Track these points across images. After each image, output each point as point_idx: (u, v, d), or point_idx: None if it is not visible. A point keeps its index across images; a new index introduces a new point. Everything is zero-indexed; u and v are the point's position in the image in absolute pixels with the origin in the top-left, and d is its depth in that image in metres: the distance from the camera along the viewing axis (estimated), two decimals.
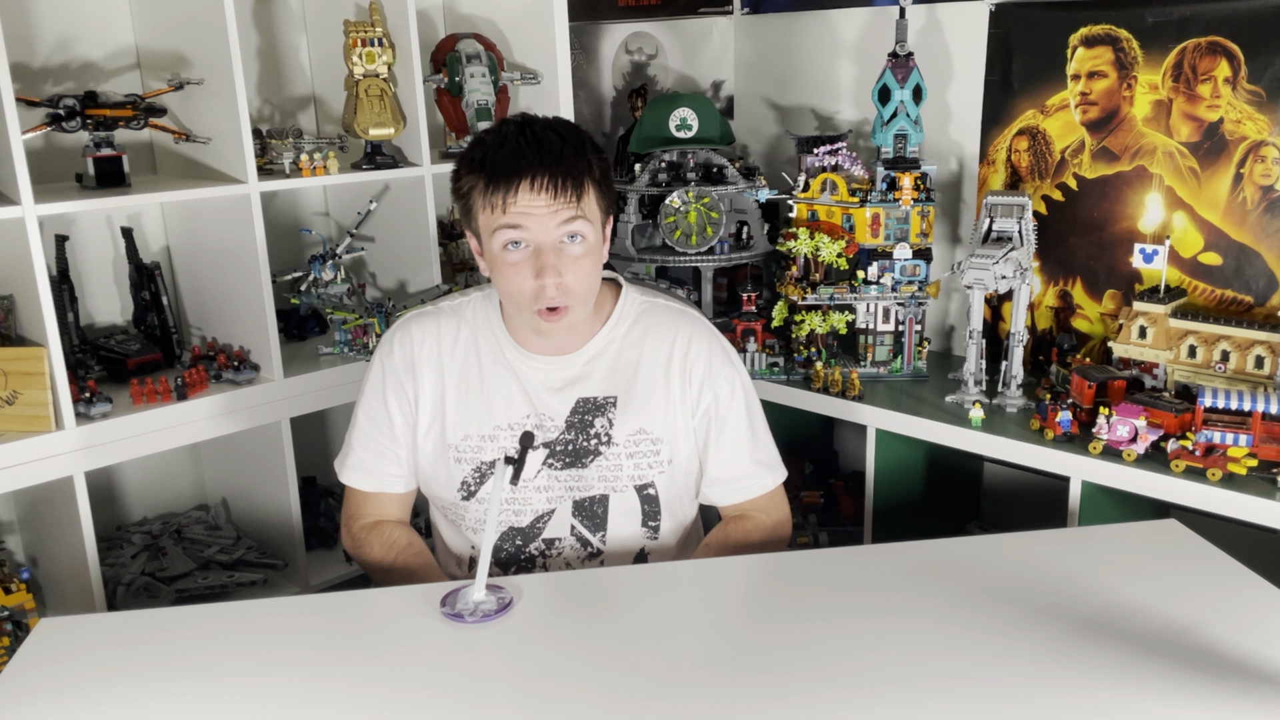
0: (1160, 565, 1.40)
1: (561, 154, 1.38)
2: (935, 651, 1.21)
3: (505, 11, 2.47)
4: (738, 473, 1.58)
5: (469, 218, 1.45)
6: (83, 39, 2.07)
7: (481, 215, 1.41)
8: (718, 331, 1.61)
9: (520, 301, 1.43)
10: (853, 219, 2.26)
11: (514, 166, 1.37)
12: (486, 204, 1.39)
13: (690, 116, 2.47)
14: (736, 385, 1.57)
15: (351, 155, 2.22)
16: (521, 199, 1.37)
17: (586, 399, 1.52)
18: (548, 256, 1.39)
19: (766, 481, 1.59)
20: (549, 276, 1.39)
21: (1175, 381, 1.98)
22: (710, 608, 1.37)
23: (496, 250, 1.41)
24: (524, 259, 1.40)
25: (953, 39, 2.37)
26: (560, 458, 1.51)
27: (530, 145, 1.38)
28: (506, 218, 1.38)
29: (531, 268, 1.40)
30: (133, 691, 1.17)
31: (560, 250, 1.41)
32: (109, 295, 2.19)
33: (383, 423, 1.55)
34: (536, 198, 1.37)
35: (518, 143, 1.38)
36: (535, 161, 1.37)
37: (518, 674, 1.21)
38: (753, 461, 1.58)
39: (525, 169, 1.36)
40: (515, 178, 1.37)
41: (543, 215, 1.38)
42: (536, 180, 1.37)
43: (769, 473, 1.60)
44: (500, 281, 1.44)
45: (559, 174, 1.37)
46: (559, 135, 1.41)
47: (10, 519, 2.10)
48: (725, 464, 1.57)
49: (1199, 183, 2.06)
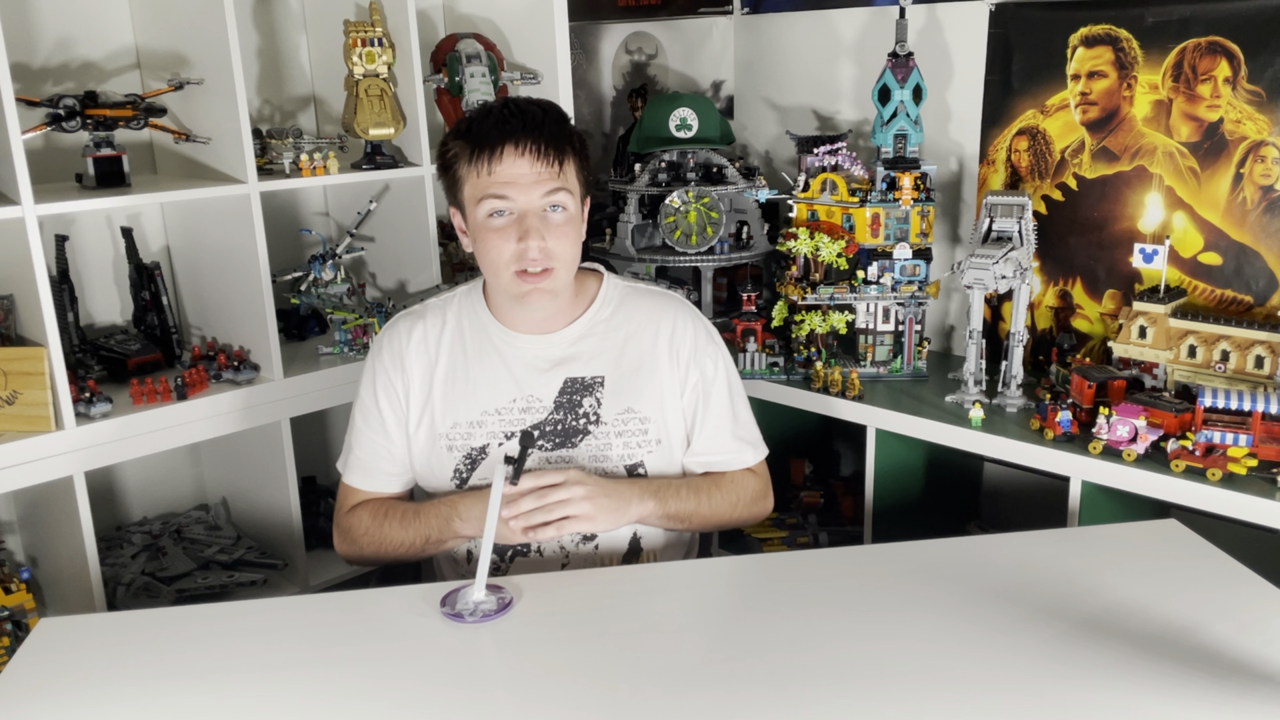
0: (1160, 565, 1.40)
1: (544, 123, 1.45)
2: (935, 651, 1.21)
3: (505, 11, 2.47)
4: (718, 448, 1.62)
5: (454, 190, 1.50)
6: (83, 39, 2.07)
7: (467, 184, 1.47)
8: (700, 312, 1.66)
9: (499, 266, 1.47)
10: (853, 219, 2.26)
11: (499, 132, 1.43)
12: (472, 169, 1.45)
13: (690, 116, 2.47)
14: (720, 363, 1.63)
15: (351, 155, 2.22)
16: (507, 164, 1.43)
17: (575, 379, 1.55)
18: (531, 220, 1.45)
19: (747, 458, 1.65)
20: (533, 239, 1.44)
21: (1175, 381, 1.98)
22: (710, 608, 1.37)
23: (481, 218, 1.46)
24: (507, 225, 1.45)
25: (953, 39, 2.37)
26: (550, 438, 1.54)
27: (514, 114, 1.45)
28: (492, 181, 1.44)
29: (515, 232, 1.45)
30: (133, 691, 1.18)
31: (544, 217, 1.46)
32: (109, 295, 2.19)
33: (375, 420, 1.59)
34: (520, 161, 1.43)
35: (501, 113, 1.45)
36: (519, 128, 1.43)
37: (518, 674, 1.21)
38: (734, 438, 1.63)
39: (509, 134, 1.43)
40: (500, 142, 1.43)
41: (527, 182, 1.44)
42: (520, 144, 1.43)
43: (750, 449, 1.65)
44: (483, 248, 1.48)
45: (542, 140, 1.44)
46: (541, 109, 1.47)
47: (10, 519, 2.09)
48: (708, 439, 1.62)
49: (1199, 183, 2.06)
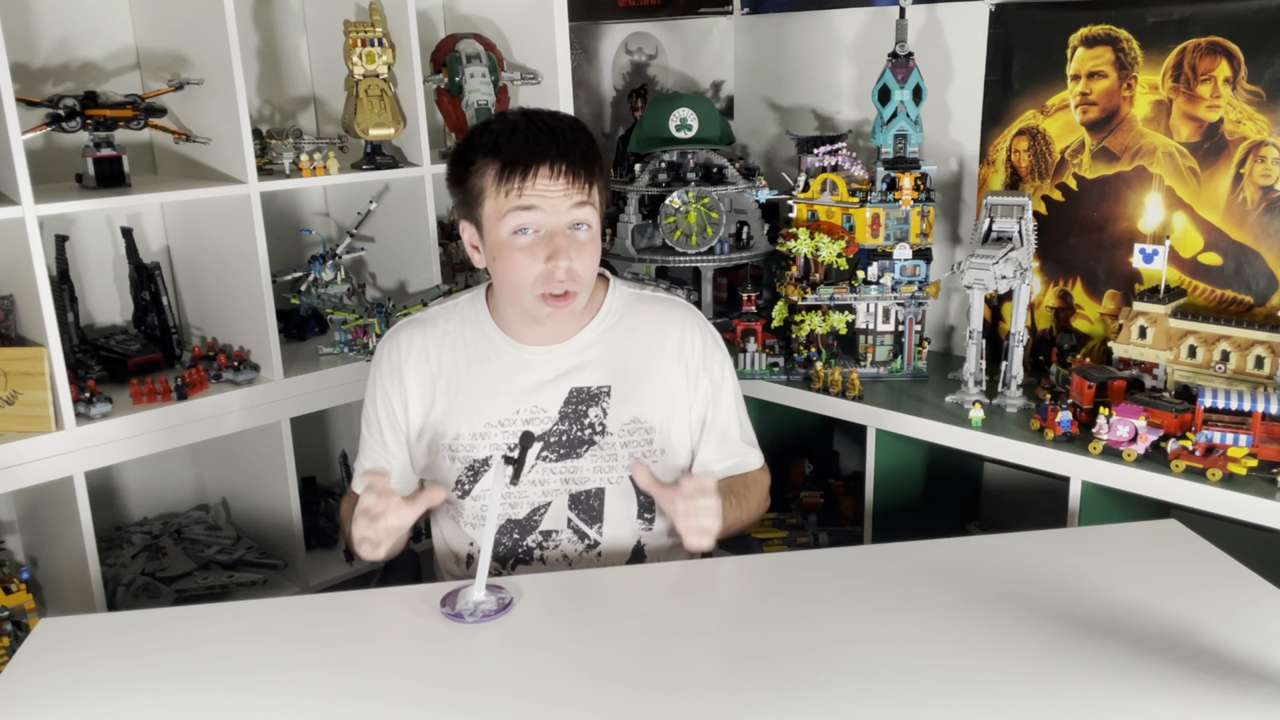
0: (1160, 565, 1.40)
1: (575, 143, 1.42)
2: (935, 651, 1.21)
3: (505, 11, 2.47)
4: (729, 452, 1.62)
5: (473, 204, 1.46)
6: (83, 39, 2.07)
7: (490, 200, 1.43)
8: (704, 317, 1.65)
9: (523, 287, 1.44)
10: (853, 219, 2.26)
11: (532, 152, 1.40)
12: (500, 189, 1.41)
13: (690, 116, 2.47)
14: (726, 368, 1.63)
15: (351, 155, 2.22)
16: (540, 184, 1.40)
17: (580, 389, 1.53)
18: (559, 240, 1.42)
19: (753, 460, 1.66)
20: (561, 259, 1.41)
21: (1175, 381, 1.98)
22: (710, 608, 1.37)
23: (504, 235, 1.43)
24: (533, 243, 1.42)
25: (953, 39, 2.37)
26: (555, 449, 1.52)
27: (544, 132, 1.41)
28: (522, 201, 1.40)
29: (542, 252, 1.42)
30: (133, 691, 1.17)
31: (570, 236, 1.43)
32: (109, 295, 2.19)
33: (376, 432, 1.59)
34: (554, 183, 1.40)
35: (530, 130, 1.41)
36: (552, 148, 1.40)
37: (518, 674, 1.21)
38: (742, 441, 1.64)
39: (544, 154, 1.40)
40: (534, 162, 1.39)
41: (557, 199, 1.41)
42: (555, 166, 1.40)
43: (754, 452, 1.67)
44: (504, 267, 1.45)
45: (575, 160, 1.41)
46: (569, 126, 1.45)
47: (10, 519, 2.09)
48: (716, 445, 1.61)
49: (1199, 183, 2.06)
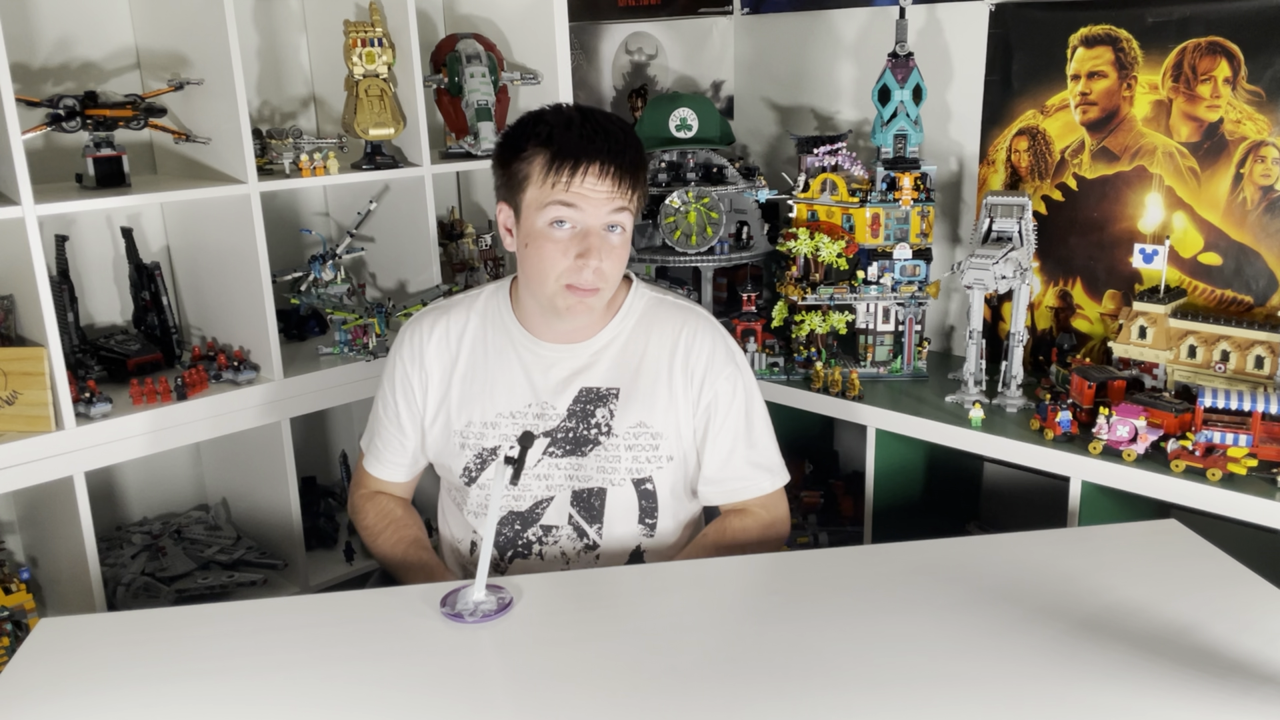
0: (1160, 565, 1.40)
1: (625, 147, 1.44)
2: (935, 651, 1.21)
3: (505, 11, 2.47)
4: (732, 474, 1.58)
5: (515, 189, 1.47)
6: (83, 39, 2.07)
7: (533, 188, 1.44)
8: (725, 330, 1.62)
9: (548, 276, 1.45)
10: (853, 219, 2.26)
11: (584, 149, 1.41)
12: (547, 180, 1.42)
13: (690, 116, 2.47)
14: (738, 385, 1.58)
15: (351, 155, 2.22)
16: (587, 182, 1.41)
17: (589, 389, 1.54)
18: (593, 239, 1.43)
19: (764, 484, 1.60)
20: (592, 259, 1.43)
21: (1175, 381, 1.98)
22: (710, 608, 1.37)
23: (540, 225, 1.44)
24: (567, 238, 1.44)
25: (953, 39, 2.37)
26: (560, 445, 1.53)
27: (598, 133, 1.43)
28: (566, 196, 1.42)
29: (574, 248, 1.43)
30: (133, 691, 1.17)
31: (604, 237, 1.45)
32: (109, 295, 2.19)
33: (391, 412, 1.62)
34: (600, 183, 1.42)
35: (584, 127, 1.43)
36: (604, 149, 1.42)
37: (518, 674, 1.21)
38: (748, 464, 1.58)
39: (595, 154, 1.41)
40: (585, 160, 1.41)
41: (599, 200, 1.42)
42: (605, 167, 1.42)
43: (766, 476, 1.60)
44: (534, 255, 1.46)
45: (624, 164, 1.43)
46: (621, 129, 1.46)
47: (10, 519, 2.09)
48: (720, 464, 1.58)
49: (1199, 183, 2.06)
